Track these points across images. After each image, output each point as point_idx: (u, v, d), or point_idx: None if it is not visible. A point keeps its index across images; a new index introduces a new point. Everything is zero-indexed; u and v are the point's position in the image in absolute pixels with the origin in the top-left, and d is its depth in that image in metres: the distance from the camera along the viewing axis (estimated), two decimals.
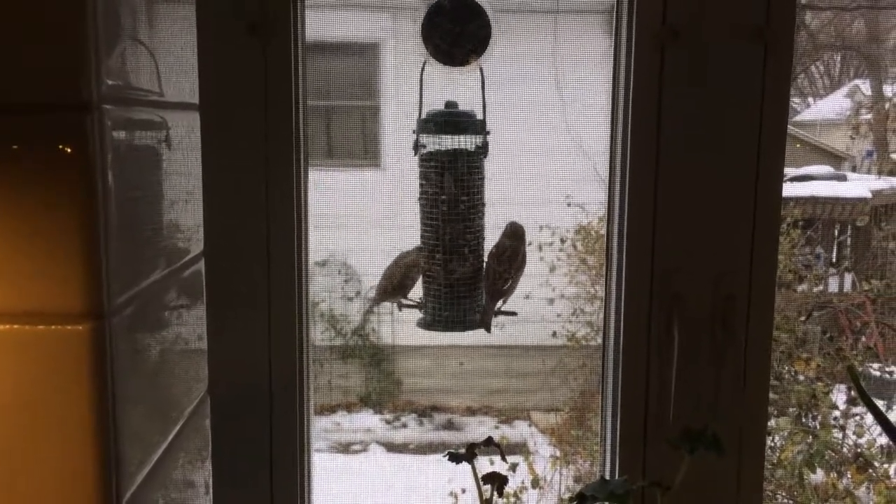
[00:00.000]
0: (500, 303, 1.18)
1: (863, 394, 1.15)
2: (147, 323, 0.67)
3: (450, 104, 1.13)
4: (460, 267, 1.14)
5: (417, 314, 1.21)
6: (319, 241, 1.33)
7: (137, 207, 0.66)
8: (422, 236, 1.16)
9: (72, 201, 0.55)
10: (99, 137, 0.56)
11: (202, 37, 0.85)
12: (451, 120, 1.13)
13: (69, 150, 0.55)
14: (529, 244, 2.67)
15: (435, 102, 1.15)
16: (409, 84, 1.15)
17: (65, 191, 0.55)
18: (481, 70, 1.13)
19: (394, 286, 1.20)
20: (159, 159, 0.73)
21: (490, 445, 1.03)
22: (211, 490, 0.89)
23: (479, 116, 1.13)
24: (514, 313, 1.19)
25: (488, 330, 1.17)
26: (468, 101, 1.15)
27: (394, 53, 2.16)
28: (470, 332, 1.19)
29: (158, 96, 0.73)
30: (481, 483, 0.99)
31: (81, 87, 0.55)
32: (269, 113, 1.07)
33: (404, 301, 1.20)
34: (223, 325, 1.06)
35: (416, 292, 1.21)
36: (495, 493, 0.99)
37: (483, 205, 1.16)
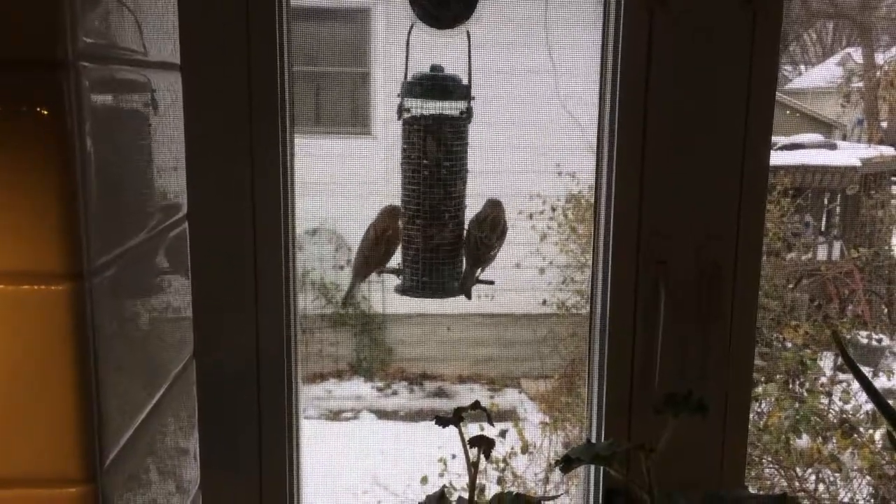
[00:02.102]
0: (478, 271, 1.18)
1: (847, 358, 1.16)
2: (130, 284, 0.67)
3: (435, 68, 1.12)
4: (440, 233, 1.14)
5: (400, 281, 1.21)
6: (310, 210, 1.32)
7: (120, 168, 0.65)
8: (402, 201, 1.15)
9: (49, 161, 0.55)
10: (76, 97, 0.55)
11: None
12: (435, 83, 1.12)
13: (44, 110, 0.54)
14: (520, 213, 2.68)
15: (422, 67, 1.14)
16: (400, 50, 1.14)
17: (41, 150, 0.55)
18: (468, 34, 1.11)
19: (376, 262, 1.20)
20: (144, 121, 0.73)
21: (477, 409, 1.03)
22: (199, 458, 0.89)
23: (465, 81, 1.12)
24: (491, 282, 1.19)
25: (468, 296, 1.17)
26: (456, 66, 1.14)
27: (384, 19, 2.14)
28: (461, 301, 1.19)
29: (141, 55, 0.72)
30: (468, 447, 1.00)
31: (56, 42, 0.54)
32: (252, 77, 1.06)
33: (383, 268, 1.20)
34: (209, 294, 1.06)
35: (395, 258, 1.20)
36: (482, 455, 1.00)
37: (466, 171, 1.15)
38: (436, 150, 1.12)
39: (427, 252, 1.14)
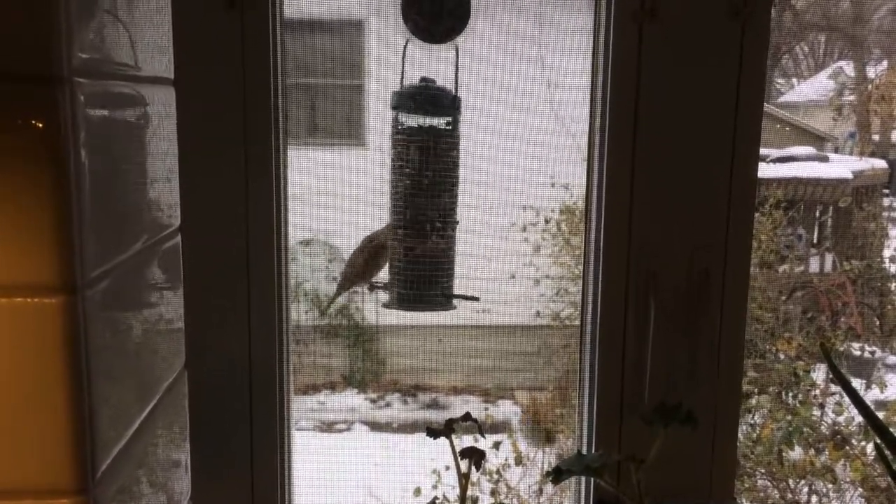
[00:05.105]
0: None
1: (836, 371, 1.17)
2: (123, 296, 0.68)
3: (425, 80, 1.13)
4: (428, 245, 1.14)
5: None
6: (303, 221, 1.33)
7: (113, 182, 0.66)
8: (392, 212, 1.16)
9: (43, 175, 0.55)
10: (70, 111, 0.56)
11: (179, 11, 0.84)
12: (425, 96, 1.13)
13: (39, 124, 0.55)
14: (513, 224, 2.68)
15: (414, 80, 1.15)
16: (394, 62, 1.15)
17: (35, 164, 0.55)
18: (456, 48, 1.12)
19: (357, 273, 1.21)
20: (137, 135, 0.73)
21: (468, 421, 1.04)
22: (190, 470, 0.90)
23: (453, 94, 1.13)
24: (476, 298, 1.20)
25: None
26: (450, 79, 1.15)
27: (377, 31, 2.15)
28: (455, 312, 1.20)
29: (135, 70, 0.72)
30: (459, 458, 1.01)
31: (52, 58, 0.55)
32: (246, 89, 1.07)
33: (374, 282, 1.21)
34: (202, 304, 1.06)
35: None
36: (473, 467, 1.00)
37: (455, 184, 1.16)
38: (424, 163, 1.13)
39: (414, 265, 1.15)
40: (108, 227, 0.64)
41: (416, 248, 1.14)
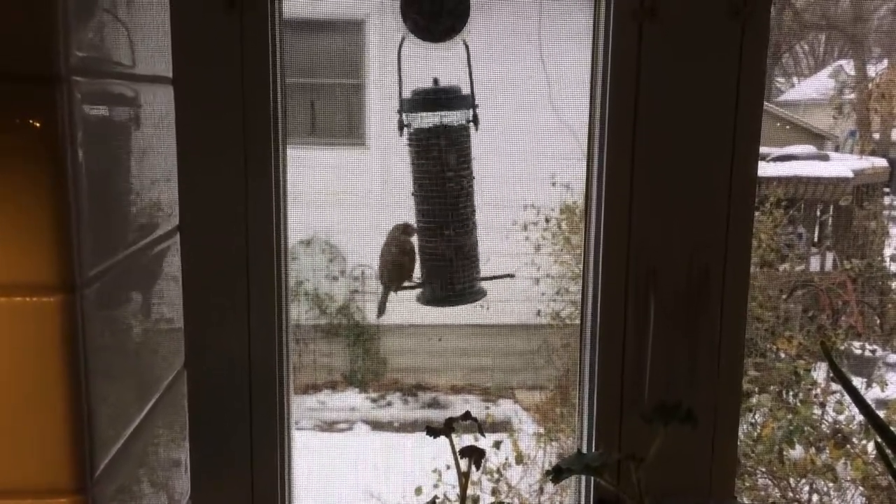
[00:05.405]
0: None
1: (836, 370, 1.17)
2: (121, 296, 0.68)
3: (436, 81, 1.13)
4: (468, 240, 1.16)
5: (405, 293, 1.21)
6: (303, 221, 1.33)
7: (111, 181, 0.66)
8: (423, 214, 1.16)
9: (41, 174, 0.56)
10: (68, 110, 0.56)
11: (178, 11, 0.84)
12: (440, 97, 1.13)
13: (37, 123, 0.55)
14: (514, 223, 2.68)
15: (417, 79, 1.15)
16: (395, 62, 1.15)
17: (34, 163, 0.55)
18: (466, 44, 1.12)
19: (405, 273, 1.21)
20: (136, 134, 0.73)
21: (468, 420, 1.04)
22: (189, 470, 0.90)
23: (465, 91, 1.13)
24: (511, 275, 1.22)
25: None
26: (452, 77, 1.15)
27: (378, 30, 2.15)
28: (456, 311, 1.20)
29: (131, 69, 0.72)
30: (459, 457, 1.01)
31: (50, 58, 0.55)
32: (246, 89, 1.07)
33: (405, 283, 1.22)
34: (202, 303, 1.07)
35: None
36: (473, 466, 1.00)
37: (474, 178, 1.18)
38: (456, 161, 1.13)
39: (460, 261, 1.16)
40: (107, 226, 0.64)
41: (465, 245, 1.15)
